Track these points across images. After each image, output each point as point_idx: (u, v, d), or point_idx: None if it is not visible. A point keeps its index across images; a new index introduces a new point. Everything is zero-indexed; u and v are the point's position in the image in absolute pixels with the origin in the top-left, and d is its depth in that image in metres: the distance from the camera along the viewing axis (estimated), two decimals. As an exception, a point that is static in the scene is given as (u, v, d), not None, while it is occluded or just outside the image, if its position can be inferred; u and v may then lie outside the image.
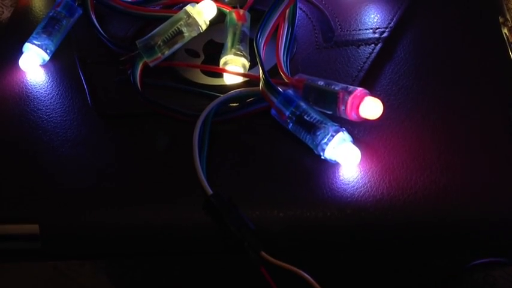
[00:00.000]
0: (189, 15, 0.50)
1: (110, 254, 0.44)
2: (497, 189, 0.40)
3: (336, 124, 0.42)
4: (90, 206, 0.43)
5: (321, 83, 0.44)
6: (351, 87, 0.43)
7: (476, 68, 0.48)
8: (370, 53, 0.49)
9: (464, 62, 0.48)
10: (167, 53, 0.49)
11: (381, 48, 0.50)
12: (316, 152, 0.42)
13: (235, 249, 0.39)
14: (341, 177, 0.42)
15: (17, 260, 0.44)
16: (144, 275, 0.50)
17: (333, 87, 0.43)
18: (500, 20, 0.51)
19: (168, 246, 0.42)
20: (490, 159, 0.42)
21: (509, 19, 0.52)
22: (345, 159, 0.42)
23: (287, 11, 0.50)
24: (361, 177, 0.41)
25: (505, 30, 0.51)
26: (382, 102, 0.42)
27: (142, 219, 0.42)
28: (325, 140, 0.41)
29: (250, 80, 0.48)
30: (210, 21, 0.51)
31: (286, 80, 0.46)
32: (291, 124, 0.43)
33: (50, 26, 0.53)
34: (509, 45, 0.49)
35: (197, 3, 0.51)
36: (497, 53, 0.48)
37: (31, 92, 0.51)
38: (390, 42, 0.50)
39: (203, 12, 0.50)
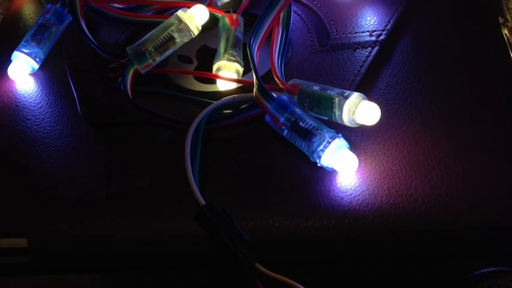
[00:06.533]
0: (180, 21, 0.49)
1: (100, 268, 0.43)
2: (500, 196, 0.39)
3: (332, 130, 0.41)
4: (80, 219, 0.42)
5: (316, 88, 0.43)
6: (347, 92, 0.42)
7: (477, 70, 0.47)
8: (367, 57, 0.48)
9: (464, 64, 0.47)
10: (158, 59, 0.48)
11: (378, 51, 0.49)
12: (312, 159, 0.41)
13: (230, 261, 0.38)
14: (338, 185, 0.41)
15: (4, 275, 0.43)
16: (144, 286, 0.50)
17: (328, 92, 0.42)
18: (501, 20, 0.50)
19: (160, 259, 0.41)
20: (492, 164, 0.41)
21: (510, 19, 0.51)
22: (342, 166, 0.41)
23: (281, 14, 0.49)
24: (359, 185, 0.40)
25: (505, 31, 0.50)
26: (380, 107, 0.41)
27: (133, 231, 0.41)
28: (321, 147, 0.40)
29: (244, 86, 0.47)
30: (203, 26, 0.50)
31: (280, 86, 0.45)
32: (286, 131, 0.42)
33: (39, 34, 0.52)
34: (510, 46, 0.48)
35: (189, 7, 0.50)
36: (497, 54, 0.48)
37: (20, 102, 0.50)
38: (387, 45, 0.49)
39: (195, 17, 0.49)
